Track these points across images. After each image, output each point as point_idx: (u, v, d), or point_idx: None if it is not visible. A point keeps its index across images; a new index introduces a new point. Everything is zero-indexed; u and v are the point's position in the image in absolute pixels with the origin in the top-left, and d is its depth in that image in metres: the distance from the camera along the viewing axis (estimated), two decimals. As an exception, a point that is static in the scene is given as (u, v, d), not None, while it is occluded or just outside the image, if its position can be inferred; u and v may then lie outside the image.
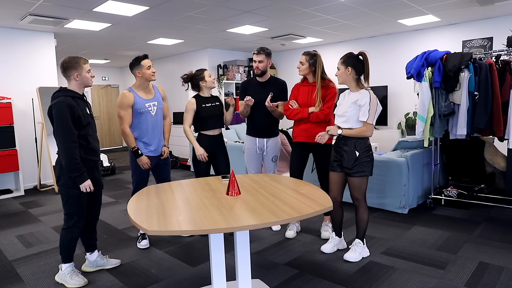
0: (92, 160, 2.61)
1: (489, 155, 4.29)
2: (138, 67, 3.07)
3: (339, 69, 2.82)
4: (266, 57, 3.32)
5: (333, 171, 2.95)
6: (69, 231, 2.60)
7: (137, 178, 3.19)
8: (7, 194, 5.41)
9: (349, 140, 2.80)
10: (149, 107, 3.12)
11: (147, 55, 3.13)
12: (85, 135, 2.54)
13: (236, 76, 8.39)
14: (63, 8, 4.63)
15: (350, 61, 2.77)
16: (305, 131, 3.19)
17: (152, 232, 1.66)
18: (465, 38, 6.22)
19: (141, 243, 3.30)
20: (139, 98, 3.08)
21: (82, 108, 2.54)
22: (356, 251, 2.92)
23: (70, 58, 2.53)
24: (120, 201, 4.95)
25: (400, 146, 4.47)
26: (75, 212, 2.57)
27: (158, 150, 3.22)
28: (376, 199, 4.16)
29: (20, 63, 5.75)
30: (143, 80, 3.10)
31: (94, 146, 2.62)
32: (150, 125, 3.14)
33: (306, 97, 3.19)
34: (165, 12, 5.02)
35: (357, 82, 2.82)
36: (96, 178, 2.69)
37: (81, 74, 2.53)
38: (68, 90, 2.54)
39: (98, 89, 11.02)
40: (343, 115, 2.82)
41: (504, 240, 3.25)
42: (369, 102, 2.71)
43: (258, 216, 1.81)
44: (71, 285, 2.63)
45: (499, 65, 3.67)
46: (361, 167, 2.78)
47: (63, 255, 2.65)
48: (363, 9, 5.20)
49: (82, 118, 2.50)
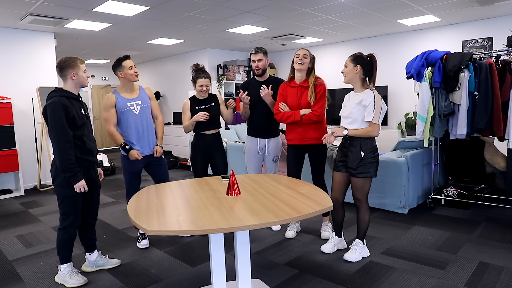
0: (87, 160, 2.61)
1: (489, 155, 4.29)
2: (119, 68, 3.07)
3: (347, 66, 2.79)
4: (264, 56, 3.32)
5: (338, 171, 2.94)
6: (65, 231, 2.60)
7: (127, 179, 3.20)
8: (7, 194, 5.41)
9: (355, 141, 2.80)
10: (131, 106, 3.11)
11: (129, 56, 3.13)
12: (80, 135, 2.54)
13: (236, 76, 8.39)
14: (63, 8, 4.63)
15: (360, 60, 2.76)
16: (299, 133, 3.17)
17: (152, 232, 1.66)
18: (465, 38, 6.22)
19: (141, 243, 3.30)
20: (121, 98, 3.09)
21: (77, 109, 2.54)
22: (356, 251, 2.91)
23: (67, 58, 2.54)
24: (120, 201, 4.95)
25: (400, 146, 4.47)
26: (70, 212, 2.57)
27: (147, 149, 3.19)
28: (376, 199, 4.16)
29: (20, 63, 5.75)
30: (126, 81, 3.10)
31: (90, 147, 2.62)
32: (133, 124, 3.12)
33: (296, 99, 3.15)
34: (165, 12, 5.02)
35: (362, 82, 2.81)
36: (92, 178, 2.69)
37: (78, 74, 2.53)
38: (63, 90, 2.54)
39: (98, 89, 11.01)
40: (348, 116, 2.81)
41: (504, 240, 3.25)
42: (374, 102, 2.70)
43: (258, 216, 1.81)
44: (71, 284, 2.63)
45: (499, 65, 3.67)
46: (365, 167, 2.77)
47: (61, 255, 2.66)
48: (363, 9, 5.20)
49: (77, 118, 2.49)
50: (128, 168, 3.17)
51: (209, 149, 3.47)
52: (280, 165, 5.28)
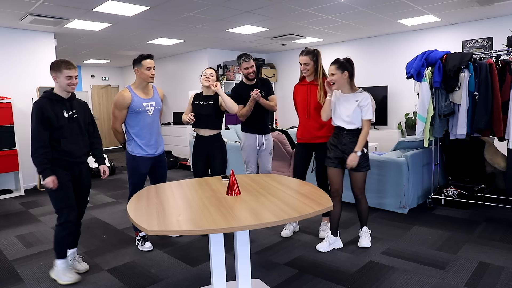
0: (66, 161, 2.63)
1: (489, 155, 4.29)
2: (138, 65, 3.07)
3: (334, 74, 2.92)
4: (254, 61, 3.54)
5: (335, 167, 3.06)
6: (61, 227, 2.63)
7: (133, 180, 3.17)
8: (7, 194, 5.41)
9: (356, 138, 2.95)
10: (147, 107, 3.12)
11: (152, 56, 3.12)
12: (58, 137, 2.59)
13: (236, 76, 8.38)
14: (63, 8, 4.63)
15: (345, 66, 2.93)
16: (308, 132, 3.28)
17: (152, 232, 1.66)
18: (465, 38, 6.22)
19: (144, 245, 3.27)
20: (136, 97, 3.08)
21: (58, 111, 2.58)
22: (367, 237, 3.20)
23: (57, 60, 2.61)
24: (120, 201, 4.95)
25: (400, 146, 4.47)
26: (63, 206, 2.61)
27: (156, 150, 3.21)
28: (376, 199, 4.16)
29: (20, 63, 5.75)
30: (141, 79, 3.11)
31: (68, 148, 2.62)
32: (147, 125, 3.13)
33: (305, 97, 3.24)
34: (165, 12, 5.02)
35: (350, 84, 2.99)
36: (76, 177, 2.72)
37: (59, 78, 2.57)
38: (50, 92, 2.62)
39: (98, 89, 11.01)
40: (351, 122, 2.97)
41: (504, 240, 3.25)
42: (371, 103, 2.94)
43: (258, 216, 1.81)
44: (63, 281, 2.65)
45: (499, 65, 3.67)
46: (365, 162, 3.00)
47: (57, 251, 2.68)
48: (363, 9, 5.20)
49: (53, 120, 2.54)
50: (137, 169, 3.15)
51: (208, 151, 3.46)
52: (280, 165, 5.29)
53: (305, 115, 3.25)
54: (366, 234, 3.20)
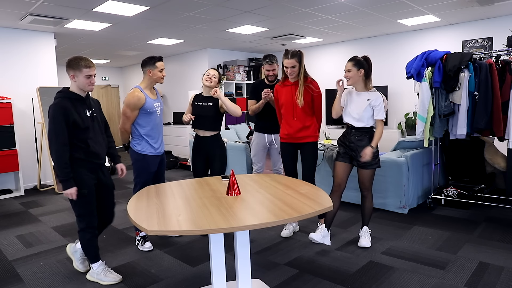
0: (93, 163, 2.57)
1: (489, 155, 4.29)
2: (151, 66, 3.09)
3: (350, 71, 2.95)
4: (277, 65, 3.61)
5: (343, 161, 3.11)
6: (83, 233, 2.59)
7: (142, 179, 3.16)
8: (7, 194, 5.41)
9: (364, 138, 3.01)
10: (156, 107, 3.17)
11: (162, 58, 3.18)
12: (85, 138, 2.49)
13: (236, 76, 8.39)
14: (63, 8, 4.63)
15: (362, 63, 2.95)
16: (292, 132, 3.28)
17: (152, 232, 1.66)
18: (465, 38, 6.22)
19: (144, 245, 3.28)
20: (148, 98, 3.11)
21: (81, 111, 2.48)
22: (367, 237, 3.21)
23: (76, 57, 2.45)
24: (120, 201, 4.95)
25: (400, 146, 4.47)
26: (85, 213, 2.55)
27: (161, 149, 3.28)
28: (376, 199, 4.15)
29: (20, 63, 5.75)
30: (152, 80, 3.14)
31: (95, 149, 2.55)
32: (156, 125, 3.20)
33: (291, 96, 3.23)
34: (165, 12, 5.02)
35: (365, 83, 3.02)
36: (101, 180, 2.66)
37: (78, 77, 2.45)
38: (68, 91, 2.49)
39: (98, 89, 11.02)
40: (360, 120, 3.01)
41: (504, 240, 3.25)
42: (383, 103, 2.99)
43: (258, 216, 1.81)
44: (106, 282, 2.65)
45: (499, 65, 3.67)
46: (375, 158, 3.05)
47: (89, 256, 2.67)
48: (363, 9, 5.20)
49: (79, 122, 2.43)
50: (147, 168, 3.17)
51: (208, 151, 3.48)
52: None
53: (291, 116, 3.25)
54: (366, 234, 3.22)
